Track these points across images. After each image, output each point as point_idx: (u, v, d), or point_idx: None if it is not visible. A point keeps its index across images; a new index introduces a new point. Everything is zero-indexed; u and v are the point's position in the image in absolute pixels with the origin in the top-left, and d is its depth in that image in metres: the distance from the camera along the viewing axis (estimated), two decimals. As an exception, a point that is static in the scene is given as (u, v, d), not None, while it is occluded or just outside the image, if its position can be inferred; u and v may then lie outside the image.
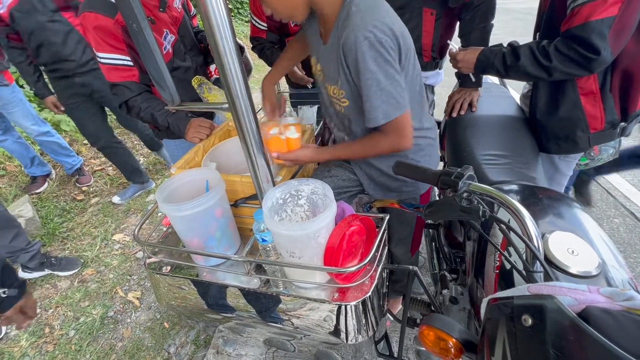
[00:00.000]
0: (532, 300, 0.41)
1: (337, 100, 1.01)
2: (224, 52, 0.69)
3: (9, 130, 2.46)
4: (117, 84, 1.30)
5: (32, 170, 2.70)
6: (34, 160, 2.67)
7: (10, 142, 2.47)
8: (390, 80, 0.86)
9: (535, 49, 1.01)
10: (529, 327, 0.40)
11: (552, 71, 0.98)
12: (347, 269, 0.83)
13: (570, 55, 0.94)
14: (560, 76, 1.00)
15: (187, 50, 1.51)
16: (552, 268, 0.65)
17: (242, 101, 0.75)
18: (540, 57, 0.99)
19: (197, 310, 1.13)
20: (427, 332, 0.60)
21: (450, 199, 0.63)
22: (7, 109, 2.31)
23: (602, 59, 0.91)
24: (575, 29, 0.91)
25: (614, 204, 2.43)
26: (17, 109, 2.34)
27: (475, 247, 0.91)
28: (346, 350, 1.19)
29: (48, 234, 2.38)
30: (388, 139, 0.95)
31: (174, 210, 0.90)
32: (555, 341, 0.38)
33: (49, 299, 1.97)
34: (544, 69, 1.00)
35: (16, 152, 2.54)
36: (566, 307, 0.38)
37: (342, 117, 1.05)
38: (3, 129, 2.41)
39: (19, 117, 2.38)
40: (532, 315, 0.40)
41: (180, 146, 1.61)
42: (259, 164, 0.88)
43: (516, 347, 0.41)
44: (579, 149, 1.17)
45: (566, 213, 0.83)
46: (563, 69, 0.97)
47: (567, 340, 0.37)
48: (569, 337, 0.37)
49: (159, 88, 0.81)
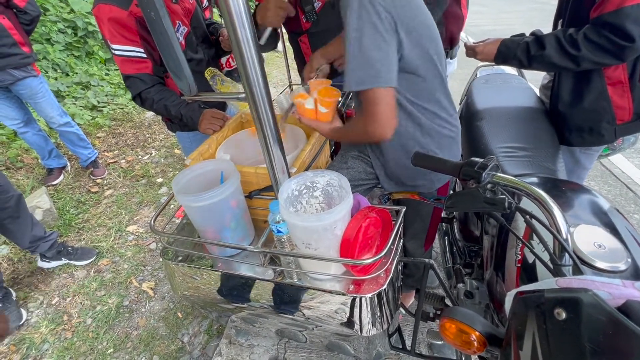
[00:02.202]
0: (566, 294, 0.40)
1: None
2: (242, 40, 0.67)
3: (30, 123, 2.54)
4: (130, 76, 1.31)
5: (48, 162, 2.77)
6: (52, 153, 2.74)
7: (31, 135, 2.55)
8: (374, 46, 0.77)
9: (562, 37, 0.97)
10: (563, 321, 0.39)
11: (580, 61, 0.94)
12: (363, 261, 0.82)
13: (601, 43, 0.90)
14: (588, 66, 0.96)
15: (199, 42, 1.51)
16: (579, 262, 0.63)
17: (260, 90, 0.74)
18: (568, 46, 0.95)
19: (210, 300, 1.14)
20: (449, 325, 0.59)
21: (474, 190, 0.61)
22: (35, 99, 2.41)
23: (636, 47, 0.87)
24: (608, 15, 0.87)
25: (634, 199, 2.36)
26: (43, 99, 2.45)
27: (494, 241, 0.89)
28: (359, 342, 1.19)
29: (64, 225, 2.43)
30: (361, 119, 0.85)
31: (190, 201, 0.90)
32: (592, 336, 0.36)
33: (66, 288, 2.03)
34: (571, 59, 0.96)
35: (35, 144, 2.62)
36: (604, 301, 0.37)
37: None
38: (25, 122, 2.49)
39: (46, 106, 2.48)
40: (566, 309, 0.39)
41: (194, 138, 1.62)
42: (275, 155, 0.88)
43: (547, 342, 0.40)
44: (604, 141, 1.13)
45: (591, 206, 0.80)
46: (593, 58, 0.92)
47: (605, 335, 0.36)
48: (607, 331, 0.35)
49: (175, 78, 0.81)
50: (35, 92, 2.38)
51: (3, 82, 2.23)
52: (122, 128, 3.65)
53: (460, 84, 1.59)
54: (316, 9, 1.72)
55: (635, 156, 2.78)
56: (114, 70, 4.28)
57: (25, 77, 2.29)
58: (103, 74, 4.14)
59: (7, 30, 2.12)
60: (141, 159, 3.23)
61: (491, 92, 1.51)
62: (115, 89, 4.09)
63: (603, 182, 2.56)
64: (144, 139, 3.51)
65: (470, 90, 1.57)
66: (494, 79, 1.63)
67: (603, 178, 2.60)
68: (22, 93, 2.35)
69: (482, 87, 1.57)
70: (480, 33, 1.39)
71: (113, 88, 4.07)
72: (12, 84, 2.27)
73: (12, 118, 2.42)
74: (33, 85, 2.35)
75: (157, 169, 3.08)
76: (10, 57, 2.17)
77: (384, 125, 0.82)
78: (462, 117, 1.55)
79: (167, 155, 3.29)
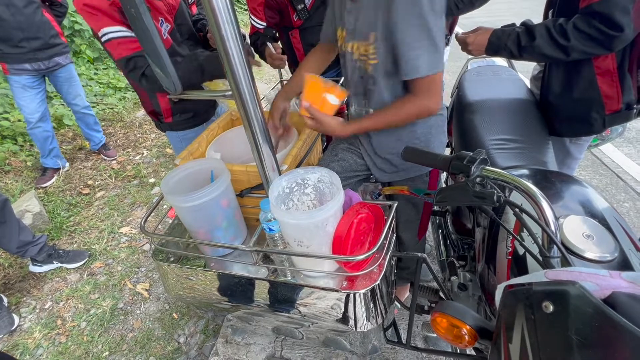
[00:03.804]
0: (554, 287, 0.40)
1: (365, 58, 0.94)
2: (226, 37, 0.66)
3: (45, 119, 2.64)
4: (129, 58, 1.20)
5: (46, 160, 2.79)
6: (52, 152, 2.78)
7: (41, 131, 2.63)
8: (438, 31, 0.80)
9: (552, 27, 0.96)
10: (550, 313, 0.39)
11: (570, 51, 0.94)
12: (356, 257, 0.82)
13: (590, 33, 0.89)
14: (578, 56, 0.96)
15: (184, 39, 1.48)
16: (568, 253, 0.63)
17: (246, 87, 0.73)
18: (558, 36, 0.95)
19: (205, 300, 1.14)
20: (440, 319, 0.59)
21: (463, 184, 0.61)
22: (71, 82, 2.72)
23: (624, 36, 0.87)
24: (597, 4, 0.87)
25: (624, 187, 2.39)
26: (76, 82, 2.77)
27: (485, 233, 0.90)
28: (354, 337, 1.20)
29: (56, 228, 2.40)
30: (417, 100, 0.89)
31: (180, 201, 0.89)
32: (579, 328, 0.36)
33: (59, 292, 2.00)
34: (561, 49, 0.96)
35: (40, 140, 2.68)
36: (591, 293, 0.37)
37: (367, 80, 0.98)
38: (41, 116, 2.59)
39: (77, 89, 2.79)
40: (554, 302, 0.39)
41: (184, 138, 1.60)
42: (264, 153, 0.87)
43: (536, 335, 0.40)
44: (593, 131, 1.13)
45: (580, 197, 0.80)
46: (582, 48, 0.92)
47: (591, 327, 0.36)
48: (594, 323, 0.35)
49: (159, 77, 0.79)
50: (71, 76, 2.71)
51: (52, 68, 2.52)
52: (113, 128, 3.60)
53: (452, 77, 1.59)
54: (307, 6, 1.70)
55: (625, 145, 2.81)
56: (102, 69, 4.21)
57: (68, 63, 2.64)
58: (92, 73, 4.07)
59: (51, 23, 2.44)
60: (133, 159, 3.19)
61: (482, 84, 1.51)
62: (105, 88, 4.02)
63: (594, 171, 2.59)
64: (135, 138, 3.47)
65: (462, 83, 1.57)
66: (484, 71, 1.63)
67: (594, 167, 2.63)
68: (61, 77, 2.62)
69: (473, 79, 1.57)
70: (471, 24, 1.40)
71: (102, 88, 4.01)
72: (56, 70, 2.55)
73: (33, 111, 2.53)
74: (72, 70, 2.70)
75: (149, 169, 3.05)
76: (56, 47, 2.48)
77: (439, 101, 0.90)
78: (454, 109, 1.55)
79: (159, 154, 3.25)
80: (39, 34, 2.36)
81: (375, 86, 0.98)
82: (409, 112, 0.93)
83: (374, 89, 0.99)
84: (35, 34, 2.34)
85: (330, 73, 2.08)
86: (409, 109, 0.93)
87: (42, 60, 2.43)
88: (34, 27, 2.33)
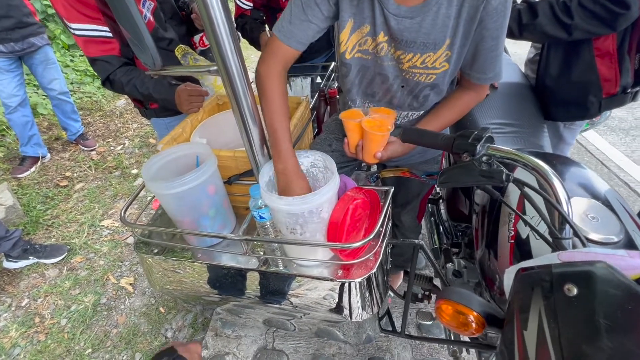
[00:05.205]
0: (577, 268, 0.37)
1: (425, 70, 0.83)
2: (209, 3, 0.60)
3: (23, 105, 2.51)
4: (96, 59, 1.18)
5: (26, 149, 2.65)
6: (32, 139, 2.64)
7: (19, 115, 2.50)
8: None
9: (555, 4, 0.93)
10: (574, 297, 0.36)
11: (572, 30, 0.91)
12: (352, 245, 0.78)
13: (595, 11, 0.86)
14: (580, 35, 0.93)
15: (167, 18, 1.39)
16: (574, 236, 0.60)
17: (233, 61, 0.67)
18: (561, 14, 0.91)
19: (193, 293, 1.08)
20: (446, 306, 0.56)
21: (469, 163, 0.57)
22: (47, 64, 2.54)
23: (630, 15, 0.84)
24: None
25: (607, 174, 2.44)
26: (54, 65, 2.59)
27: (485, 217, 0.87)
28: (348, 327, 1.17)
29: (31, 222, 2.27)
30: (472, 95, 0.88)
31: (162, 188, 0.82)
32: (607, 312, 0.33)
33: (37, 288, 1.90)
34: (564, 28, 0.93)
35: (20, 126, 2.55)
36: (622, 274, 0.34)
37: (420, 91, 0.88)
38: (20, 101, 2.46)
39: (55, 73, 2.61)
40: (577, 284, 0.36)
41: (170, 125, 1.52)
42: (253, 136, 0.81)
43: (556, 320, 0.37)
44: (589, 115, 1.12)
45: (581, 179, 0.78)
46: (585, 26, 0.90)
47: (623, 310, 0.33)
48: (626, 306, 0.33)
49: (137, 50, 0.72)
50: (48, 59, 2.53)
51: (27, 50, 2.35)
52: (91, 117, 3.44)
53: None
54: None
55: (609, 133, 2.87)
56: (79, 56, 4.00)
57: (44, 45, 2.45)
58: (67, 60, 3.86)
59: (23, 1, 2.26)
60: (114, 149, 3.06)
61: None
62: (82, 76, 3.83)
63: (579, 158, 2.63)
64: (116, 128, 3.32)
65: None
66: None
67: (579, 155, 2.68)
68: (37, 58, 2.45)
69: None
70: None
71: (79, 75, 3.81)
72: (32, 52, 2.39)
73: (9, 95, 2.40)
74: (48, 52, 2.52)
75: (131, 159, 2.93)
76: (30, 26, 2.30)
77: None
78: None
79: (142, 145, 3.12)
80: (10, 13, 2.19)
81: (433, 90, 0.88)
82: (469, 105, 0.90)
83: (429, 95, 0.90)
84: (6, 12, 2.19)
85: (320, 59, 2.01)
86: (469, 102, 0.89)
87: (15, 42, 2.27)
88: (4, 5, 2.17)
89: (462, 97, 0.89)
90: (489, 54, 0.78)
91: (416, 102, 0.92)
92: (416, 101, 0.92)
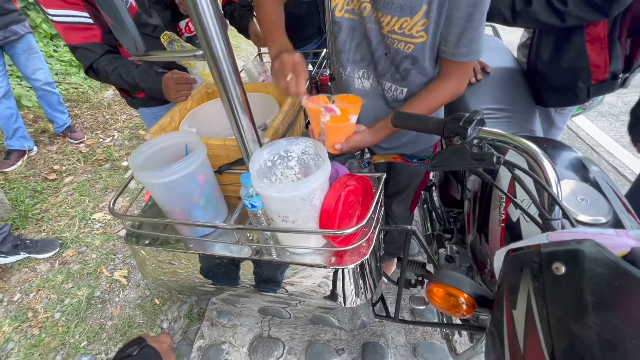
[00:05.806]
0: (566, 247, 0.37)
1: (403, 37, 0.82)
2: (192, -17, 0.57)
3: (7, 96, 2.42)
4: (77, 47, 1.15)
5: (11, 142, 2.58)
6: (17, 132, 2.57)
7: (3, 108, 2.41)
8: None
9: None
10: (562, 275, 0.36)
11: (566, 17, 0.91)
12: (344, 231, 0.78)
13: None
14: (573, 22, 0.93)
15: (151, 3, 1.35)
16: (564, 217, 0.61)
17: (219, 45, 0.65)
18: (555, 1, 0.90)
19: (187, 284, 1.08)
20: (437, 289, 0.56)
21: (460, 146, 0.57)
22: (30, 54, 2.44)
23: (623, 1, 0.83)
24: None
25: (597, 159, 2.47)
26: (37, 55, 2.50)
27: (476, 202, 0.87)
28: (343, 313, 1.18)
29: (20, 217, 2.24)
30: (451, 84, 0.85)
31: (151, 178, 0.81)
32: (595, 289, 0.34)
33: (29, 283, 1.88)
34: (557, 15, 0.92)
35: (3, 119, 2.46)
36: (609, 251, 0.34)
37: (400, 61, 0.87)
38: (3, 93, 2.37)
39: (38, 63, 2.51)
40: (566, 263, 0.36)
41: (158, 115, 1.49)
42: (242, 122, 0.79)
43: (544, 299, 0.37)
44: (578, 101, 1.12)
45: (572, 162, 0.79)
46: (579, 13, 0.89)
47: (610, 287, 0.33)
48: (613, 283, 0.33)
49: (117, 34, 0.69)
50: (31, 48, 2.43)
51: (8, 38, 2.25)
52: (79, 109, 3.36)
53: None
54: None
55: (599, 119, 2.89)
56: (63, 46, 3.87)
57: (26, 34, 2.35)
58: (51, 50, 3.74)
59: None
60: (102, 142, 3.00)
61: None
62: (67, 66, 3.72)
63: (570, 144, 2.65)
64: (104, 120, 3.25)
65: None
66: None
67: (570, 140, 2.70)
68: (19, 47, 2.36)
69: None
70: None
71: (64, 66, 3.70)
72: (14, 40, 2.29)
73: None
74: (31, 40, 2.42)
75: (121, 151, 2.88)
76: (11, 13, 2.20)
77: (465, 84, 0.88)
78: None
79: (132, 136, 3.07)
80: None
81: (414, 66, 0.87)
82: (446, 96, 0.87)
83: (410, 69, 0.88)
84: None
85: (311, 45, 1.97)
86: (446, 93, 0.87)
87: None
88: None
89: (440, 85, 0.87)
90: (464, 24, 0.75)
91: (398, 74, 0.91)
92: (397, 72, 0.91)
